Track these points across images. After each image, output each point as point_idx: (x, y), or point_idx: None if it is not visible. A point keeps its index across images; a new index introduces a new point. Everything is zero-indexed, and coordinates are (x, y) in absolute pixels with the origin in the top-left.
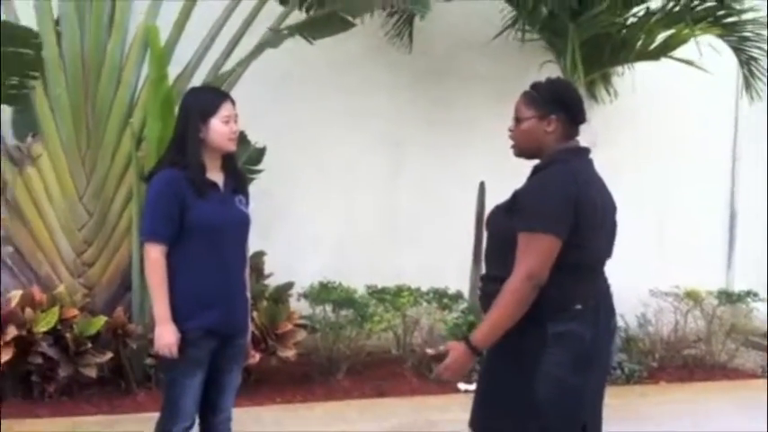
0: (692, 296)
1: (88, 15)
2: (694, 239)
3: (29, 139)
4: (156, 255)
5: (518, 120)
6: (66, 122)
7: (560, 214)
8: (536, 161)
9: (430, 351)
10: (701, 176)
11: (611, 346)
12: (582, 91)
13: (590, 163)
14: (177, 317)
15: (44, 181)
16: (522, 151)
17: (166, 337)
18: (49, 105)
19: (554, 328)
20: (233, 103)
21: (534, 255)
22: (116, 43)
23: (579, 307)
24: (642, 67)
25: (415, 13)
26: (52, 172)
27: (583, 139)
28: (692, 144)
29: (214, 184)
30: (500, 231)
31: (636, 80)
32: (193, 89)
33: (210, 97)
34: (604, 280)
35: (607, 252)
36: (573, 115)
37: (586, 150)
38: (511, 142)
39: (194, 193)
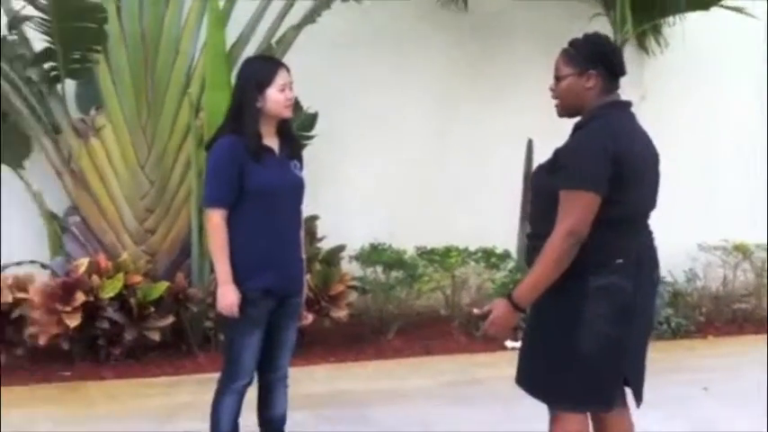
0: (741, 249)
1: None
2: (741, 192)
3: (92, 111)
4: (217, 219)
5: (558, 78)
6: (128, 94)
7: (598, 171)
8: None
9: (476, 311)
10: (749, 129)
11: (655, 299)
12: (632, 43)
13: (631, 116)
14: (237, 278)
15: (107, 152)
16: (565, 109)
17: (228, 297)
18: (111, 79)
19: (595, 281)
20: (288, 71)
21: (574, 212)
22: (173, 15)
23: (620, 261)
24: (693, 17)
25: None
26: (115, 143)
27: (632, 92)
28: (741, 97)
29: (270, 150)
30: (543, 189)
31: (686, 31)
32: (249, 59)
33: (266, 66)
34: (648, 233)
35: (651, 204)
36: (612, 69)
37: (627, 104)
38: (554, 101)
39: (252, 158)
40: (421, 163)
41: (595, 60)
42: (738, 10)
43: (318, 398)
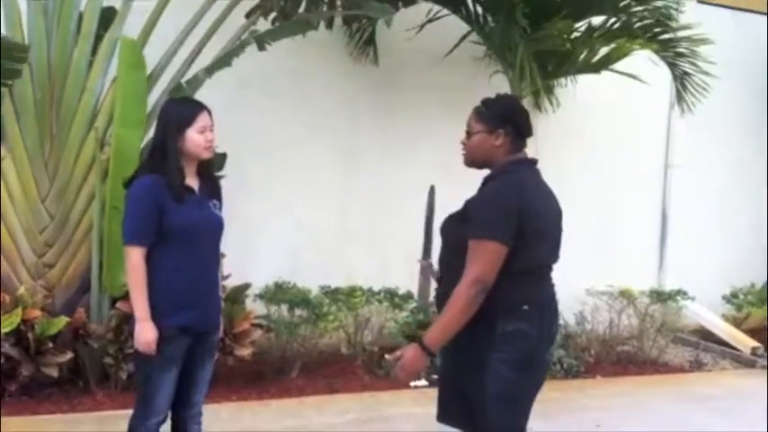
0: (626, 295)
1: (55, 24)
2: (628, 242)
3: None
4: (136, 257)
5: (469, 133)
6: (31, 127)
7: (505, 222)
8: (485, 170)
9: (388, 356)
10: (636, 182)
11: (553, 346)
12: (527, 101)
13: (537, 173)
14: (155, 315)
15: (7, 184)
16: (472, 162)
17: (146, 334)
18: (14, 110)
19: (503, 327)
20: (209, 113)
21: (480, 260)
22: (82, 51)
23: (526, 308)
24: (583, 79)
25: (377, 19)
26: (15, 175)
27: (527, 147)
28: (628, 152)
29: (191, 190)
30: (453, 238)
31: (577, 91)
32: (171, 100)
33: (187, 108)
34: (551, 285)
35: (554, 257)
36: (520, 129)
37: (533, 161)
38: (463, 152)
39: (172, 197)
40: (326, 205)
41: (505, 120)
42: (630, 75)
43: None
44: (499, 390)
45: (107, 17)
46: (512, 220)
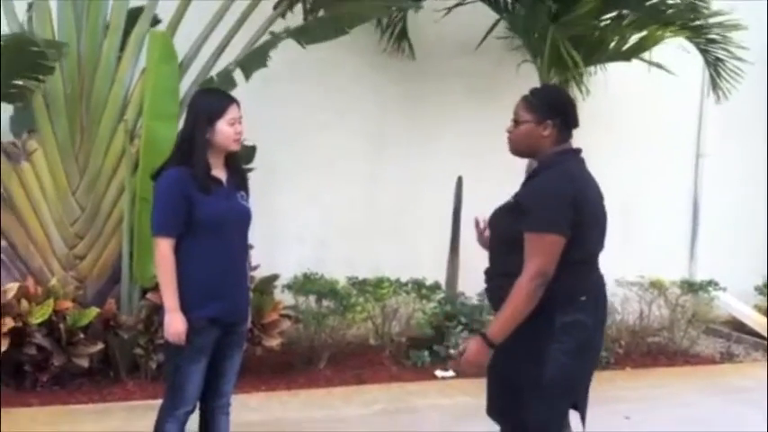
0: (657, 286)
1: (85, 16)
2: (659, 232)
3: (24, 135)
4: (164, 248)
5: (516, 122)
6: (62, 119)
7: (562, 214)
8: (515, 160)
9: (452, 351)
10: (667, 172)
11: (604, 333)
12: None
13: (582, 162)
14: (185, 306)
15: (38, 176)
16: (516, 150)
17: (175, 325)
18: (45, 103)
19: (562, 318)
20: (238, 105)
21: (541, 254)
22: (112, 43)
23: (584, 298)
24: (613, 67)
25: (408, 9)
26: (46, 167)
27: None
28: (658, 140)
29: (218, 181)
30: (504, 231)
31: (607, 80)
32: (201, 91)
33: (218, 100)
34: (600, 272)
35: (601, 245)
36: (567, 121)
37: (578, 151)
38: (508, 140)
39: (200, 189)
40: (354, 196)
41: (554, 111)
42: (658, 65)
43: (253, 427)
44: (558, 376)
45: (135, 14)
46: (568, 211)
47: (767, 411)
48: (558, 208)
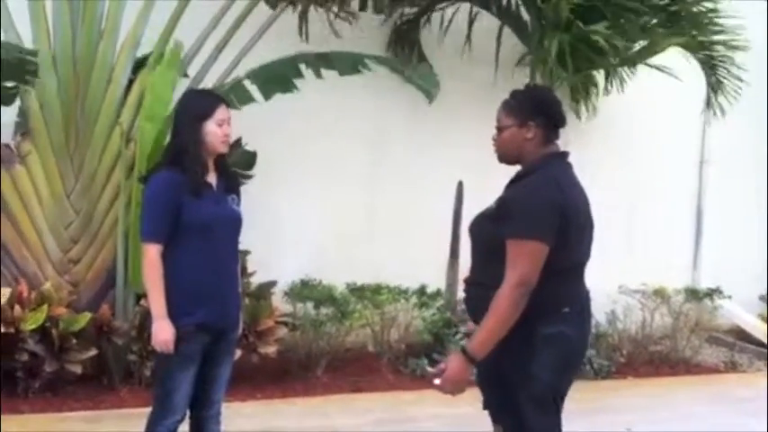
0: (660, 294)
1: (80, 17)
2: (662, 239)
3: (17, 137)
4: (153, 254)
5: (499, 129)
6: (56, 121)
7: (546, 220)
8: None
9: (430, 369)
10: (670, 178)
11: (587, 347)
12: (560, 93)
13: (569, 166)
14: (173, 313)
15: (32, 179)
16: (504, 158)
17: (163, 333)
18: (39, 104)
19: (544, 330)
20: (227, 106)
21: (524, 261)
22: (108, 44)
23: (567, 310)
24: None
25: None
26: (40, 170)
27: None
28: (662, 147)
29: (208, 185)
30: (484, 238)
31: (611, 85)
32: (189, 92)
33: (206, 100)
34: (584, 283)
35: (588, 254)
36: (552, 120)
37: (565, 154)
38: (494, 148)
39: (190, 193)
40: (352, 199)
41: (535, 111)
42: (664, 70)
43: None
44: (540, 392)
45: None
46: (553, 218)
47: None
48: (541, 214)
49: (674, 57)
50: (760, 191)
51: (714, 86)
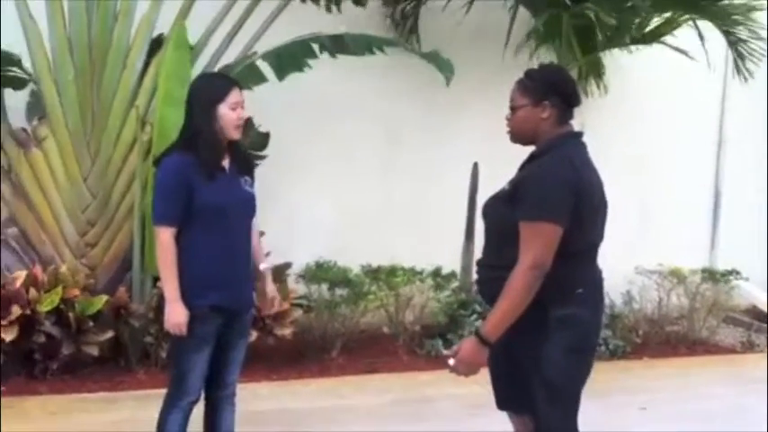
0: (676, 274)
1: (95, 2)
2: (679, 219)
3: (34, 121)
4: (166, 237)
5: (513, 108)
6: (72, 106)
7: (561, 202)
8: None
9: (446, 352)
10: (687, 158)
11: (600, 330)
12: (574, 74)
13: (584, 146)
14: (186, 295)
15: (49, 163)
16: (518, 138)
17: (175, 315)
18: (56, 89)
19: (556, 312)
20: (240, 89)
21: (538, 244)
22: (123, 29)
23: (580, 291)
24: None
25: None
26: (57, 154)
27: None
28: (678, 126)
29: (221, 167)
30: (498, 220)
31: (626, 64)
32: (202, 75)
33: (219, 84)
34: (598, 265)
35: (602, 235)
36: (566, 99)
37: (580, 134)
38: (507, 128)
39: (202, 176)
40: (369, 184)
41: (550, 91)
42: (681, 51)
43: (263, 416)
44: (553, 376)
45: None
46: (567, 199)
47: None
48: (555, 196)
49: (691, 32)
50: None
51: (736, 47)
